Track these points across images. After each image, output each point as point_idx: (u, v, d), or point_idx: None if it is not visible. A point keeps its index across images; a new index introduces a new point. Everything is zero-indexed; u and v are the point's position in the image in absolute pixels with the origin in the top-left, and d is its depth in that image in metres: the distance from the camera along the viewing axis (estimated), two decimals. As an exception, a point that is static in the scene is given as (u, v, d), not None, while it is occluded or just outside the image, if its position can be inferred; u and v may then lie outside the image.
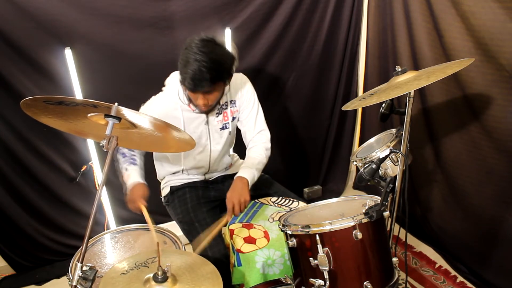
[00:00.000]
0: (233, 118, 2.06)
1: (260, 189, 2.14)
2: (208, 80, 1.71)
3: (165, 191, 2.15)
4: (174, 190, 2.10)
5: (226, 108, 2.02)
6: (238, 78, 2.05)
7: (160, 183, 2.22)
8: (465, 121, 2.21)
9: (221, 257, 1.80)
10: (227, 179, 2.17)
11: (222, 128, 2.03)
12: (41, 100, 1.24)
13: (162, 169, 2.15)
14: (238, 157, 2.30)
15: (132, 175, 1.92)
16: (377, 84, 1.94)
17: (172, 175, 2.14)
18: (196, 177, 2.12)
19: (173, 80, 1.96)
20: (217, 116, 1.99)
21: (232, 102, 2.03)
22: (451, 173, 2.37)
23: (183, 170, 2.09)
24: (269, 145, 2.08)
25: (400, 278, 1.42)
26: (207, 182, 2.15)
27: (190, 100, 1.91)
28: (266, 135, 2.10)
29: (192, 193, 2.07)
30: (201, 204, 2.02)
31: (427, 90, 2.38)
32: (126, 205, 1.89)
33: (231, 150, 2.24)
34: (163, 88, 1.99)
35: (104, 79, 2.32)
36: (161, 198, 2.18)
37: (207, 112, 1.94)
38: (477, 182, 2.22)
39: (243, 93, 2.04)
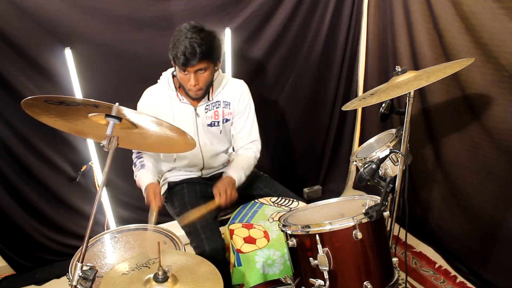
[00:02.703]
0: (226, 120, 2.06)
1: (260, 189, 2.14)
2: (199, 53, 1.75)
3: (163, 188, 2.15)
4: (172, 185, 2.12)
5: (218, 107, 2.03)
6: (237, 83, 2.08)
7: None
8: (465, 121, 2.21)
9: (217, 247, 1.82)
10: None
11: (211, 125, 2.04)
12: (42, 99, 1.24)
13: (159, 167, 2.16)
14: (236, 157, 2.31)
15: (142, 179, 1.97)
16: (377, 84, 1.94)
17: (169, 172, 2.15)
18: (194, 173, 2.14)
19: (165, 74, 2.02)
20: (206, 112, 2.01)
21: (226, 103, 2.04)
22: (451, 173, 2.37)
23: (175, 168, 2.12)
24: (258, 155, 2.13)
25: (400, 278, 1.42)
26: (205, 179, 2.16)
27: (180, 87, 1.95)
28: (258, 146, 2.14)
29: (190, 188, 2.09)
30: (198, 199, 2.03)
31: (427, 90, 2.38)
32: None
33: (230, 149, 2.24)
34: (158, 81, 2.04)
35: (104, 79, 2.32)
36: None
37: (198, 99, 1.96)
38: (477, 182, 2.22)
39: (240, 98, 2.05)
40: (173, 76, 2.00)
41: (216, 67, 1.91)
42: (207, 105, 2.01)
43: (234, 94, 2.04)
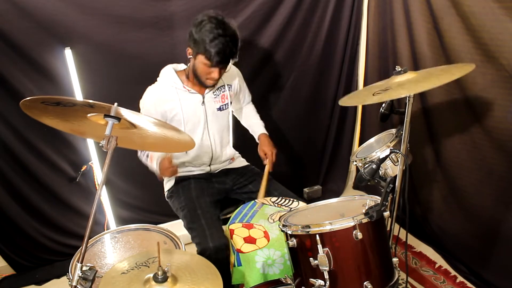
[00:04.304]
0: (231, 102, 2.16)
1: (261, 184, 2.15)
2: (232, 54, 1.86)
3: (170, 183, 2.16)
4: (179, 181, 2.14)
5: (224, 91, 2.11)
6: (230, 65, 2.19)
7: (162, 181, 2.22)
8: (465, 121, 2.21)
9: (221, 245, 1.84)
10: (230, 173, 2.22)
11: (220, 109, 2.11)
12: (39, 101, 1.23)
13: None
14: (239, 155, 2.33)
15: (155, 153, 2.00)
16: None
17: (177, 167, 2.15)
18: (202, 170, 2.17)
19: (166, 70, 2.05)
20: (215, 97, 2.08)
21: (229, 86, 2.14)
22: (451, 173, 2.37)
23: (183, 164, 2.13)
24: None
25: (400, 278, 1.42)
26: (211, 175, 2.19)
27: (187, 78, 2.01)
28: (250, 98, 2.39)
29: (197, 184, 2.12)
30: (205, 195, 2.07)
31: (427, 90, 2.37)
32: (161, 176, 2.02)
33: (231, 144, 2.26)
34: (158, 79, 2.06)
35: (104, 79, 2.32)
36: (164, 194, 2.20)
37: (209, 87, 2.03)
38: (477, 182, 2.22)
39: (238, 77, 2.20)
40: (175, 71, 2.05)
41: None
42: (214, 91, 2.08)
43: (232, 76, 2.15)
